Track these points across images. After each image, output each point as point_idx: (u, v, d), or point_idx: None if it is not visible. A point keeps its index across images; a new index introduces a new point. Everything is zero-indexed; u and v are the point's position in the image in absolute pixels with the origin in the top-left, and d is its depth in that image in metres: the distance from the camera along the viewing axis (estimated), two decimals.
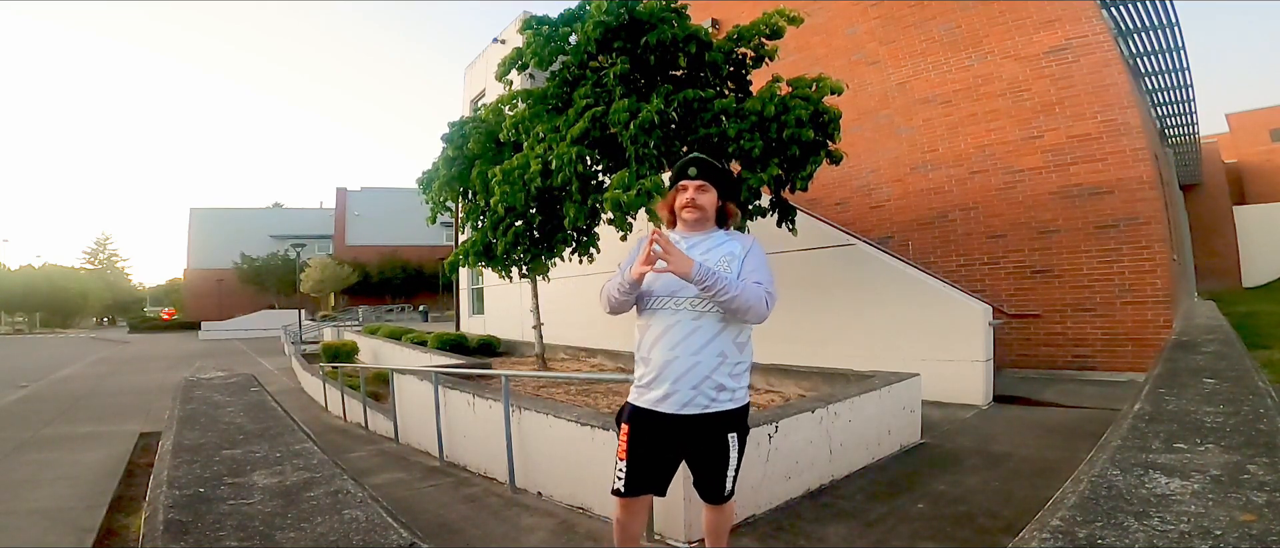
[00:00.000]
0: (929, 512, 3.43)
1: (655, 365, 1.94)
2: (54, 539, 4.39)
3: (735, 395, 1.97)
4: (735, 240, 2.06)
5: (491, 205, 6.45)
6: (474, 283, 16.67)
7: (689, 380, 1.90)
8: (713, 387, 1.91)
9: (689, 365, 1.90)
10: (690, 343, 1.91)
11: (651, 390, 1.95)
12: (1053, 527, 1.21)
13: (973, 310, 6.51)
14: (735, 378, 1.97)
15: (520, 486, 4.19)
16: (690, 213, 2.04)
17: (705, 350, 1.90)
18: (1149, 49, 9.67)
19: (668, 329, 1.93)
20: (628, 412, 2.03)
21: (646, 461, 1.98)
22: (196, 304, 48.79)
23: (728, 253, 2.00)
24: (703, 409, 1.91)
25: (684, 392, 1.90)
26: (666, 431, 1.94)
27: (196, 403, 3.08)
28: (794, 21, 5.61)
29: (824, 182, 9.45)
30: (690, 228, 2.07)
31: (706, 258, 1.95)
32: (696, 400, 1.90)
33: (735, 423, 1.99)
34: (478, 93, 17.38)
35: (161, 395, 10.44)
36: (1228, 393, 2.32)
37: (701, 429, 1.94)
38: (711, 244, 2.03)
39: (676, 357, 1.91)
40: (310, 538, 1.35)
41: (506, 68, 5.95)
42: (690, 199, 2.03)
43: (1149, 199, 7.66)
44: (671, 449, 2.00)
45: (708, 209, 2.06)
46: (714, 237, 2.07)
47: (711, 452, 1.99)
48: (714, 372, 1.91)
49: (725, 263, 1.96)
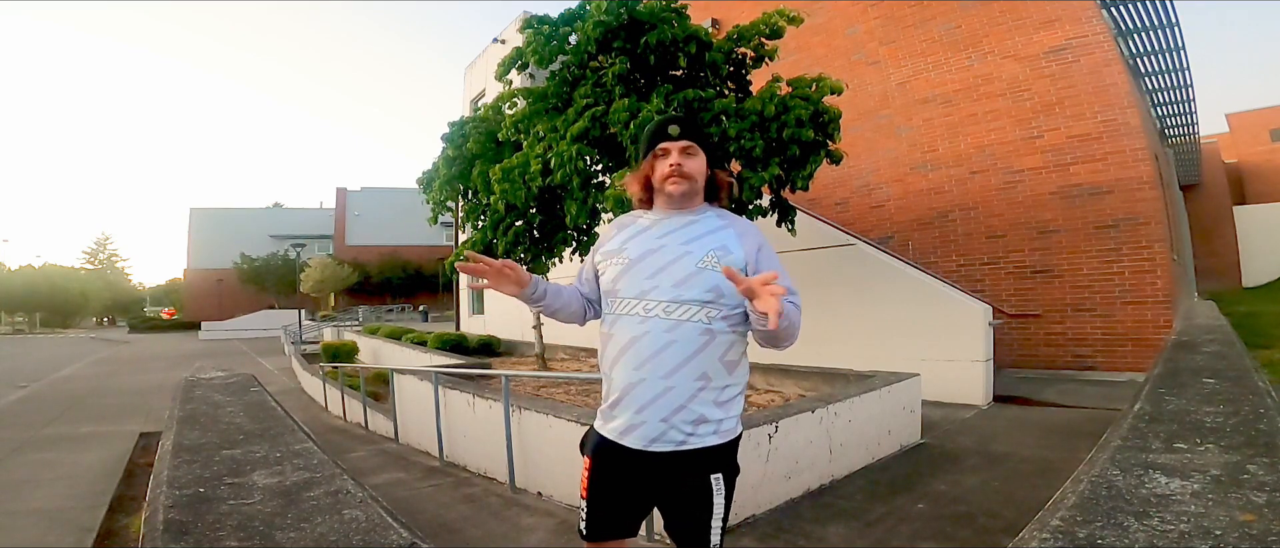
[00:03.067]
0: (929, 512, 3.43)
1: (618, 387, 1.50)
2: (54, 539, 4.39)
3: (721, 428, 1.50)
4: (729, 225, 1.59)
5: (492, 205, 6.45)
6: (473, 283, 16.66)
7: (657, 411, 1.45)
8: (690, 420, 1.45)
9: (658, 391, 1.45)
10: (661, 362, 1.45)
11: (615, 418, 1.51)
12: (1053, 527, 1.21)
13: (973, 310, 6.51)
14: (722, 406, 1.50)
15: (520, 486, 4.19)
16: (675, 184, 1.55)
17: (680, 373, 1.44)
18: (1149, 49, 9.67)
19: (634, 342, 1.48)
20: (593, 441, 1.59)
21: (611, 502, 1.56)
22: (196, 304, 48.78)
23: (718, 247, 1.52)
24: (677, 446, 1.46)
25: (652, 424, 1.45)
26: (634, 468, 1.50)
27: (196, 403, 3.08)
28: (794, 21, 5.61)
29: (824, 182, 9.45)
30: (674, 205, 1.59)
31: (690, 248, 1.52)
32: (668, 436, 1.45)
33: (721, 462, 1.50)
34: (478, 92, 17.39)
35: (161, 395, 10.44)
36: (1228, 393, 2.31)
37: (676, 470, 1.47)
38: (697, 232, 1.55)
39: (643, 379, 1.46)
40: (310, 538, 1.35)
41: (506, 67, 5.95)
42: (675, 165, 1.54)
43: (1149, 199, 7.66)
44: (641, 490, 1.54)
45: (697, 177, 1.57)
46: (703, 219, 1.59)
47: (690, 498, 1.49)
48: (692, 400, 1.45)
49: (713, 258, 1.49)
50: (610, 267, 1.59)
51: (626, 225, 1.66)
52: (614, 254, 1.60)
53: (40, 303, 52.43)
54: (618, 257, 1.59)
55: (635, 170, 1.66)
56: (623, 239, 1.63)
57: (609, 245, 1.64)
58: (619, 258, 1.58)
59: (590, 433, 1.63)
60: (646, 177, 1.61)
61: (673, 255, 1.52)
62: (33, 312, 54.04)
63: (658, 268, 1.52)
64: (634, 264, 1.55)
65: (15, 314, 55.68)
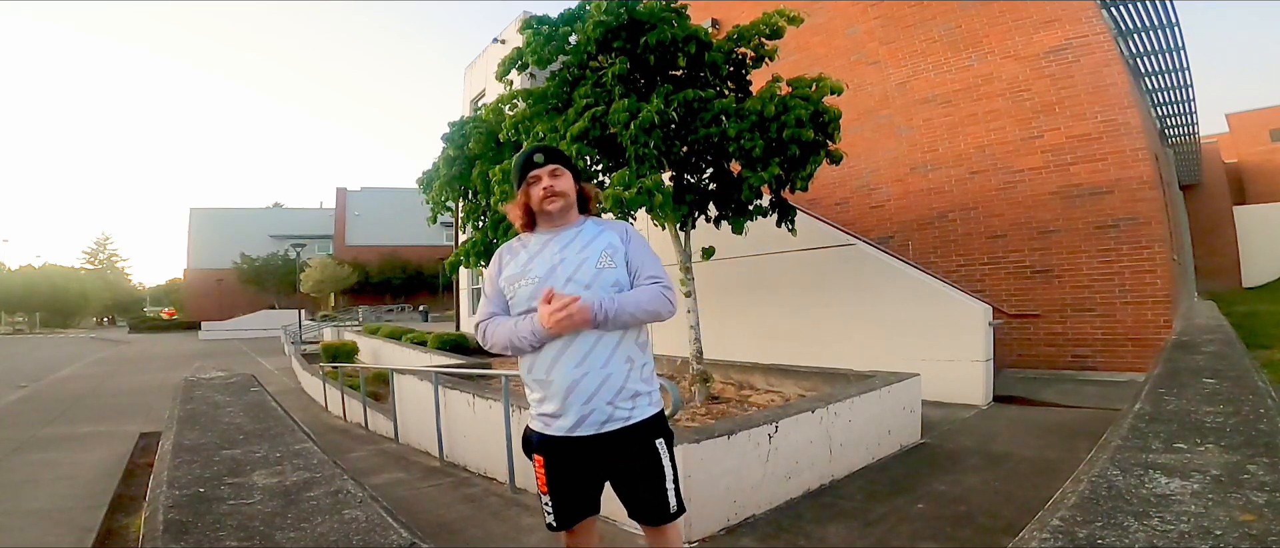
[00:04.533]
0: (929, 512, 3.43)
1: (559, 389, 1.69)
2: (54, 539, 4.39)
3: (652, 399, 1.78)
4: (610, 229, 1.84)
5: (492, 205, 6.45)
6: (474, 283, 16.67)
7: (603, 396, 1.68)
8: (628, 396, 1.72)
9: (600, 380, 1.68)
10: (596, 356, 1.69)
11: (561, 417, 1.71)
12: (1053, 527, 1.21)
13: (973, 310, 6.51)
14: (646, 381, 1.78)
15: (520, 486, 4.19)
16: (552, 202, 1.79)
17: (613, 360, 1.70)
18: (1149, 49, 9.67)
19: (567, 345, 1.69)
20: (536, 441, 1.79)
21: (572, 490, 1.77)
22: (196, 304, 48.79)
23: (607, 246, 1.78)
24: (624, 422, 1.71)
25: (600, 410, 1.69)
26: (585, 454, 1.72)
27: (196, 403, 3.08)
28: (794, 21, 5.60)
29: (824, 181, 9.46)
30: (554, 222, 1.83)
31: (584, 256, 1.76)
32: (615, 416, 1.70)
33: (659, 428, 1.78)
34: (478, 93, 17.38)
35: (161, 395, 10.43)
36: (1228, 393, 2.31)
37: (624, 445, 1.72)
38: (586, 239, 1.80)
39: (586, 373, 1.68)
40: (310, 538, 1.35)
41: (506, 67, 5.95)
42: (548, 188, 1.79)
43: (1149, 199, 7.66)
44: (595, 470, 1.77)
45: (569, 193, 1.82)
46: (585, 228, 1.84)
47: (642, 466, 1.75)
48: (626, 380, 1.72)
49: (607, 257, 1.75)
50: (521, 287, 1.77)
51: (518, 251, 1.86)
52: (519, 277, 1.79)
53: (40, 303, 52.43)
54: (523, 278, 1.78)
55: (512, 201, 1.89)
56: (522, 262, 1.81)
57: (510, 270, 1.82)
58: (525, 279, 1.77)
59: (529, 435, 1.82)
60: (525, 203, 1.84)
61: (575, 263, 1.76)
62: (33, 312, 54.05)
63: (566, 277, 1.73)
64: (544, 280, 1.74)
65: (15, 314, 55.69)
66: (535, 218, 1.86)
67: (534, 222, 1.86)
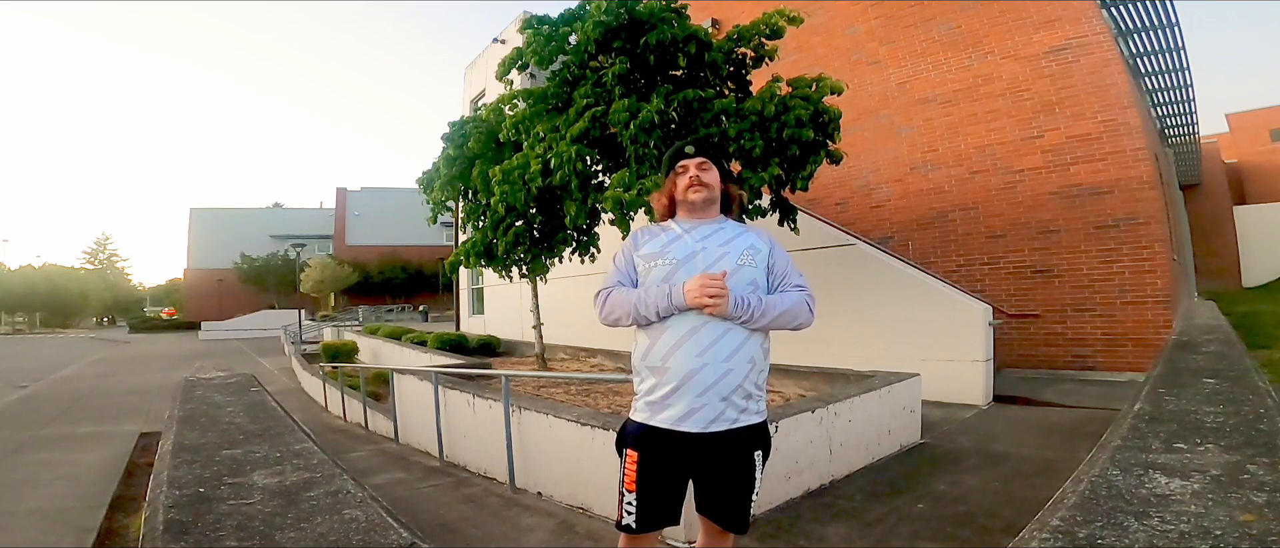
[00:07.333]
0: (929, 512, 3.43)
1: (675, 376, 1.64)
2: (54, 539, 4.39)
3: (761, 407, 1.74)
4: (752, 232, 1.84)
5: (492, 205, 6.45)
6: (474, 283, 16.67)
7: (718, 391, 1.63)
8: (742, 397, 1.67)
9: (719, 374, 1.63)
10: (720, 348, 1.64)
11: (670, 407, 1.65)
12: (1053, 527, 1.21)
13: (973, 310, 6.51)
14: (761, 388, 1.73)
15: (520, 486, 4.19)
16: (696, 192, 1.79)
17: (737, 356, 1.65)
18: (1149, 49, 9.67)
19: (692, 333, 1.64)
20: (633, 433, 1.73)
21: (660, 490, 1.70)
22: (196, 304, 48.77)
23: (749, 246, 1.77)
24: (731, 424, 1.65)
25: (712, 405, 1.63)
26: (683, 453, 1.67)
27: (196, 403, 3.08)
28: (794, 21, 5.60)
29: (824, 182, 9.45)
30: (697, 213, 1.82)
31: (726, 250, 1.74)
32: (726, 415, 1.64)
33: (761, 439, 1.74)
34: (478, 93, 17.37)
35: (161, 395, 10.44)
36: (1228, 393, 2.31)
37: (725, 448, 1.67)
38: (728, 236, 1.79)
39: (705, 364, 1.62)
40: (310, 538, 1.35)
41: (506, 67, 5.95)
42: (694, 177, 1.80)
43: (1149, 199, 7.66)
44: (686, 473, 1.73)
45: (714, 187, 1.83)
46: (727, 226, 1.83)
47: (735, 474, 1.71)
48: (744, 380, 1.66)
49: (748, 256, 1.74)
50: (656, 267, 1.75)
51: (658, 232, 1.85)
52: (656, 257, 1.76)
53: (40, 303, 52.41)
54: (661, 258, 1.75)
55: (660, 189, 1.91)
56: (661, 243, 1.80)
57: (647, 249, 1.80)
58: (663, 259, 1.75)
59: (627, 427, 1.77)
60: (670, 192, 1.87)
61: (715, 255, 1.73)
62: (33, 312, 54.03)
63: (706, 266, 1.70)
64: (681, 264, 1.72)
65: (15, 314, 55.65)
66: (675, 209, 1.88)
67: (673, 213, 1.88)
